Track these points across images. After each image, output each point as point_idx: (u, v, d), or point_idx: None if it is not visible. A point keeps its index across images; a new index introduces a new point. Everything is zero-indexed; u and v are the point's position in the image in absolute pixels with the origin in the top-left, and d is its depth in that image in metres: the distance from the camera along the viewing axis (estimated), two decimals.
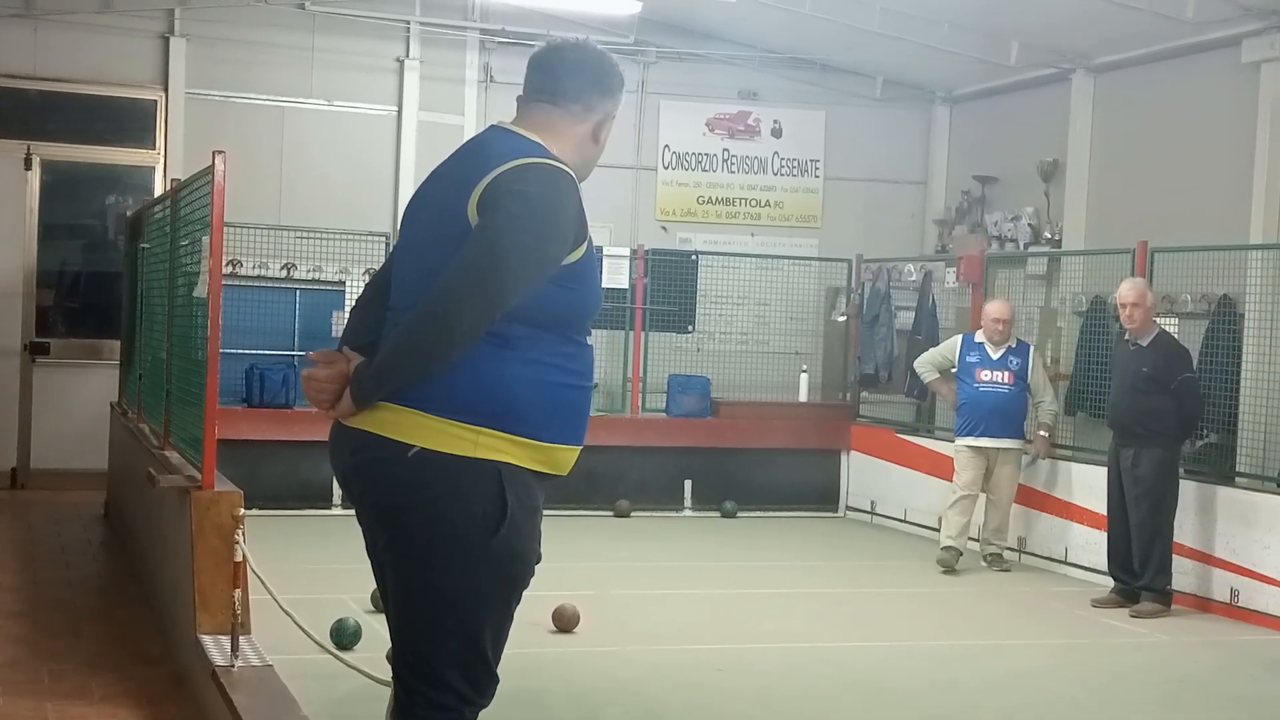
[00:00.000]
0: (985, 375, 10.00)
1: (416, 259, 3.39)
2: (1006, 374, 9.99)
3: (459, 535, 3.25)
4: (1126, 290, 8.85)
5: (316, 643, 5.84)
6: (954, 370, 10.31)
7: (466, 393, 3.23)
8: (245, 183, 10.61)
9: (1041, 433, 10.11)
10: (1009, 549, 10.27)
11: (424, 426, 3.23)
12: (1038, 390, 10.12)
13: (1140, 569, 8.74)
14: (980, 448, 10.01)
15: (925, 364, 10.62)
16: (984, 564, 10.07)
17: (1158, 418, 8.71)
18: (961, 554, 9.92)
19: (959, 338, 10.43)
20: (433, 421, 3.23)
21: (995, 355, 10.03)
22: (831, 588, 9.52)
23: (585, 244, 3.33)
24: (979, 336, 10.16)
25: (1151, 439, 8.72)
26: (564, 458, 3.38)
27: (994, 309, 10.18)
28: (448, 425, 3.23)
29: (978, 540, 10.19)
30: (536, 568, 3.44)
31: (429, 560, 3.28)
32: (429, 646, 3.32)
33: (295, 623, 5.64)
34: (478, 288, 3.16)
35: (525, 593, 3.44)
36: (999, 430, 9.98)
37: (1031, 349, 10.25)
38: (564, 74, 3.49)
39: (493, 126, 3.52)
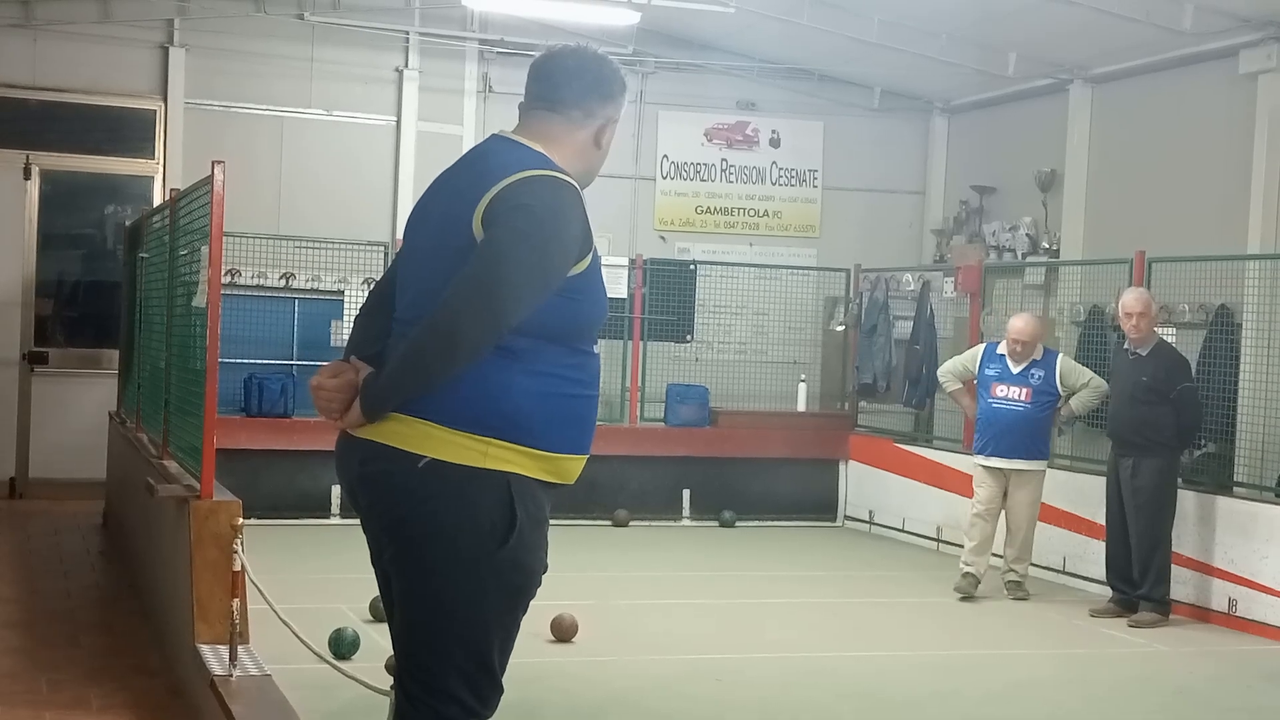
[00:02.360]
0: (1000, 391, 9.32)
1: (419, 269, 3.40)
2: (1025, 390, 9.26)
3: (467, 546, 3.26)
4: (1133, 300, 8.80)
5: (315, 653, 5.83)
6: (975, 381, 9.66)
7: (475, 404, 3.24)
8: (244, 192, 10.62)
9: (1062, 409, 9.38)
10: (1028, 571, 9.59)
11: (433, 438, 3.24)
12: (1074, 389, 9.31)
13: (1140, 578, 8.73)
14: (994, 468, 9.39)
15: (948, 373, 9.88)
16: (1005, 592, 9.44)
17: (1157, 428, 8.70)
18: (979, 580, 9.37)
19: (981, 347, 9.75)
20: (442, 433, 3.24)
21: (1016, 369, 9.29)
22: (830, 598, 9.51)
23: (590, 255, 3.33)
24: (1002, 348, 9.43)
25: (1151, 449, 8.71)
26: (571, 467, 3.39)
27: (1014, 327, 9.33)
28: (457, 436, 3.24)
29: (1000, 559, 9.63)
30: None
31: (436, 571, 3.29)
32: (434, 657, 3.32)
33: (293, 633, 5.64)
34: (483, 303, 3.18)
35: (528, 606, 3.44)
36: (1011, 450, 9.30)
37: (1059, 357, 9.50)
38: (562, 80, 3.48)
39: (494, 136, 3.52)
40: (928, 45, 12.21)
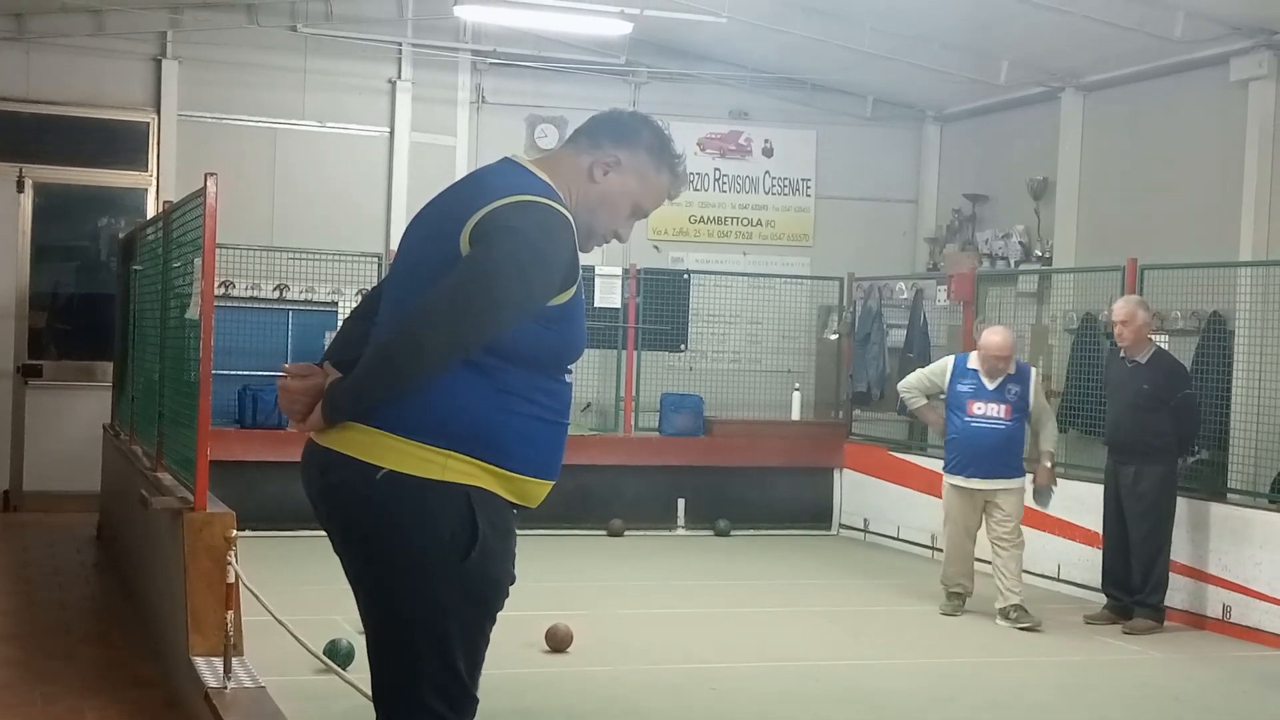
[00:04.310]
0: (978, 408, 8.84)
1: (403, 279, 3.41)
2: (1004, 407, 8.81)
3: (428, 558, 3.24)
4: (1117, 308, 8.92)
5: (314, 654, 5.83)
6: (943, 396, 9.14)
7: (437, 417, 3.22)
8: (237, 204, 10.63)
9: (1045, 463, 8.98)
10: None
11: (392, 449, 3.22)
12: (1039, 417, 8.99)
13: (1141, 584, 8.74)
14: (972, 489, 8.95)
15: (911, 389, 9.29)
16: (1003, 621, 8.77)
17: (1158, 434, 8.72)
18: (964, 598, 9.05)
19: (950, 360, 9.23)
20: (401, 444, 3.22)
21: (991, 385, 8.84)
22: (825, 606, 9.52)
23: (574, 288, 3.32)
24: (972, 361, 8.95)
25: (1153, 456, 8.73)
26: (533, 491, 3.36)
27: (995, 344, 8.83)
28: (416, 448, 3.22)
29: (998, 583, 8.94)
30: (529, 588, 3.45)
31: (399, 584, 3.27)
32: (404, 669, 3.31)
33: (293, 635, 5.62)
34: (455, 315, 3.17)
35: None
36: (993, 470, 8.85)
37: (1033, 371, 9.14)
38: (595, 120, 3.53)
39: (504, 158, 3.50)
40: (920, 54, 12.24)
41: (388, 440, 3.23)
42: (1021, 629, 8.67)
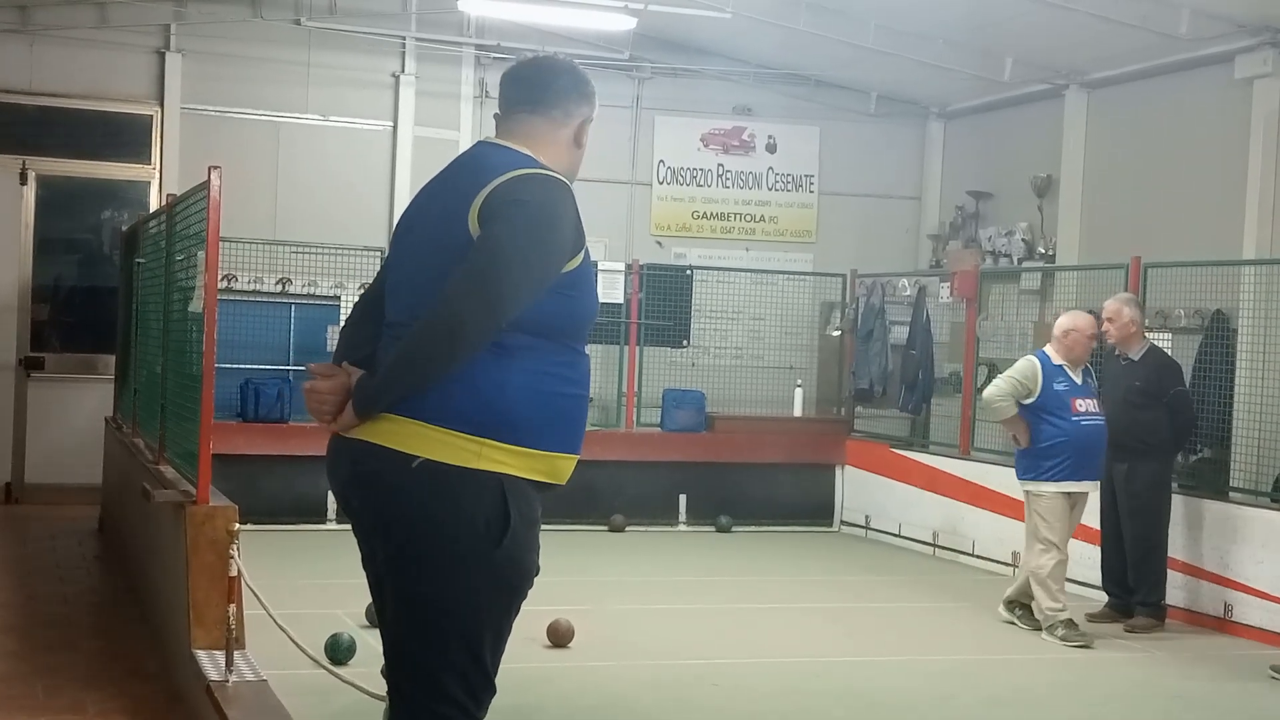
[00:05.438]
0: (1082, 405, 8.30)
1: (414, 273, 3.42)
2: (1095, 401, 8.39)
3: (461, 546, 3.27)
4: (1105, 306, 8.89)
5: (311, 658, 5.84)
6: (1027, 401, 8.36)
7: (467, 403, 3.26)
8: (240, 198, 10.63)
9: None
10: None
11: (426, 437, 3.25)
12: None
13: (1135, 584, 8.75)
14: (1077, 493, 8.38)
15: (1005, 396, 8.37)
16: (1005, 614, 8.66)
17: (1151, 432, 8.72)
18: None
19: (1034, 360, 8.46)
20: (435, 432, 3.25)
21: (1079, 380, 8.39)
22: (827, 602, 9.52)
23: (582, 252, 3.38)
24: (1055, 357, 8.39)
25: (1145, 453, 8.72)
26: (564, 466, 3.41)
27: (1086, 322, 8.47)
28: (450, 436, 3.25)
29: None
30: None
31: (431, 571, 3.30)
32: (431, 658, 3.33)
33: (290, 638, 5.64)
34: (482, 298, 3.20)
35: (520, 607, 3.45)
36: (1097, 471, 8.40)
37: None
38: (541, 84, 3.56)
39: (480, 142, 3.59)
40: (924, 50, 12.23)
41: (420, 429, 3.25)
42: (1027, 628, 8.60)
